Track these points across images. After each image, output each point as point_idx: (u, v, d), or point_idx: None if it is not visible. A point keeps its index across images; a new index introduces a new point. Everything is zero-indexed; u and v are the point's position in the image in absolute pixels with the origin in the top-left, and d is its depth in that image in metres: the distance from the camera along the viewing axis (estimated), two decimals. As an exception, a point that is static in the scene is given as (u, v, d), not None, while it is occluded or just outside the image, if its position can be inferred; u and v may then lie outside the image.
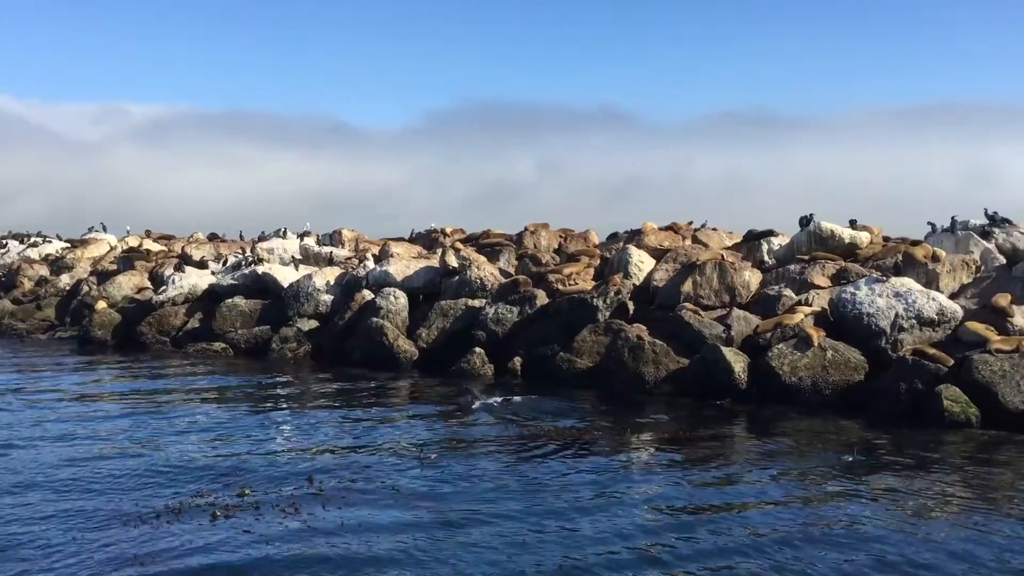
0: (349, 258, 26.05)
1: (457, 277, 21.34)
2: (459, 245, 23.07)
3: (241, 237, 31.24)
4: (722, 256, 18.34)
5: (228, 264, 26.02)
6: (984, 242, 17.90)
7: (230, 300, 23.59)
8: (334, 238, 28.68)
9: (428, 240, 27.07)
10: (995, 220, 18.71)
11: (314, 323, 22.26)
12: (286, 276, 24.02)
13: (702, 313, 17.01)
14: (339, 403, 15.38)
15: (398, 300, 21.03)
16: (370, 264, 23.53)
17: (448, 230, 27.05)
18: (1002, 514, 9.12)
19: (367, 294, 21.82)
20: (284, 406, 15.17)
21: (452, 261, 21.76)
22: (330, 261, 25.60)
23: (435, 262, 22.85)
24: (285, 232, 28.04)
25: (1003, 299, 15.18)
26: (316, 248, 27.02)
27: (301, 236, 27.94)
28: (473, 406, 14.68)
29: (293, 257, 25.89)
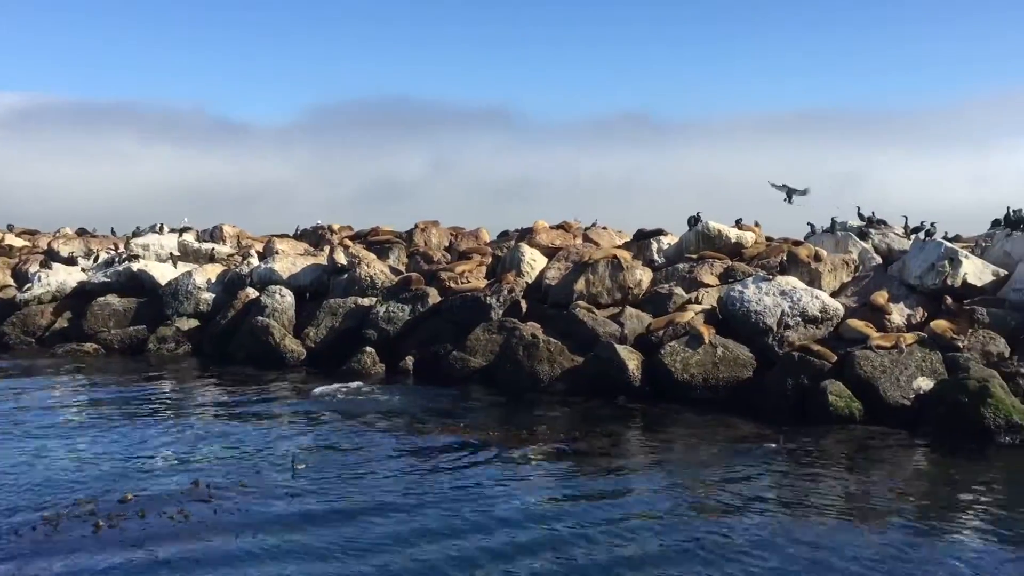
0: (231, 255, 25.12)
1: (346, 275, 20.85)
2: (348, 242, 22.56)
3: (113, 233, 29.68)
4: (615, 254, 18.46)
5: (100, 261, 24.68)
6: (862, 242, 18.62)
7: (102, 298, 22.40)
8: (215, 234, 27.58)
9: (315, 237, 26.37)
10: (871, 221, 19.52)
11: (194, 322, 21.41)
12: (163, 273, 23.00)
13: (596, 311, 17.09)
14: (223, 404, 14.75)
15: (284, 298, 20.40)
16: (254, 261, 22.76)
17: (336, 227, 26.41)
18: (880, 510, 9.37)
19: (251, 292, 21.10)
20: (164, 408, 14.40)
21: (341, 259, 21.25)
22: (211, 258, 24.63)
23: (322, 259, 22.29)
24: (162, 228, 26.79)
25: (881, 297, 15.79)
26: (196, 245, 25.93)
27: (180, 232, 26.74)
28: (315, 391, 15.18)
29: (171, 254, 24.77)
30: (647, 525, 8.56)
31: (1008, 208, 18.15)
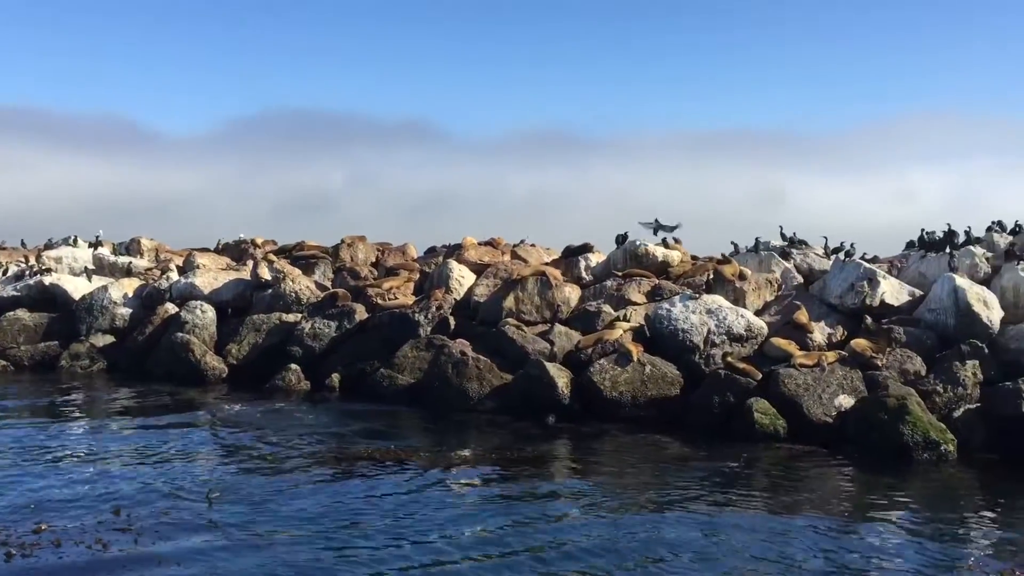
0: (149, 269, 24.38)
1: (270, 290, 20.44)
2: (272, 257, 22.10)
3: (23, 245, 28.55)
4: (544, 271, 18.50)
5: (9, 274, 23.69)
6: (784, 262, 19.01)
7: (11, 313, 21.50)
8: (131, 248, 26.70)
9: (237, 251, 25.74)
10: (793, 241, 19.97)
11: (110, 338, 20.71)
12: (77, 288, 22.19)
13: (525, 329, 17.07)
14: (141, 425, 14.22)
15: (205, 314, 19.89)
16: (174, 276, 22.14)
17: (259, 241, 25.84)
18: (803, 526, 9.53)
19: (171, 307, 20.52)
20: (79, 429, 13.84)
21: (265, 273, 20.82)
22: (128, 272, 23.87)
23: (245, 274, 21.83)
24: (76, 240, 25.88)
25: (803, 316, 16.14)
26: (112, 258, 25.10)
27: (94, 245, 25.86)
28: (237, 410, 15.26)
29: (86, 267, 23.90)
30: (574, 549, 8.50)
31: (922, 230, 18.80)
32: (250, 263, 22.62)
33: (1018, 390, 13.12)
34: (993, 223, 18.83)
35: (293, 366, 17.94)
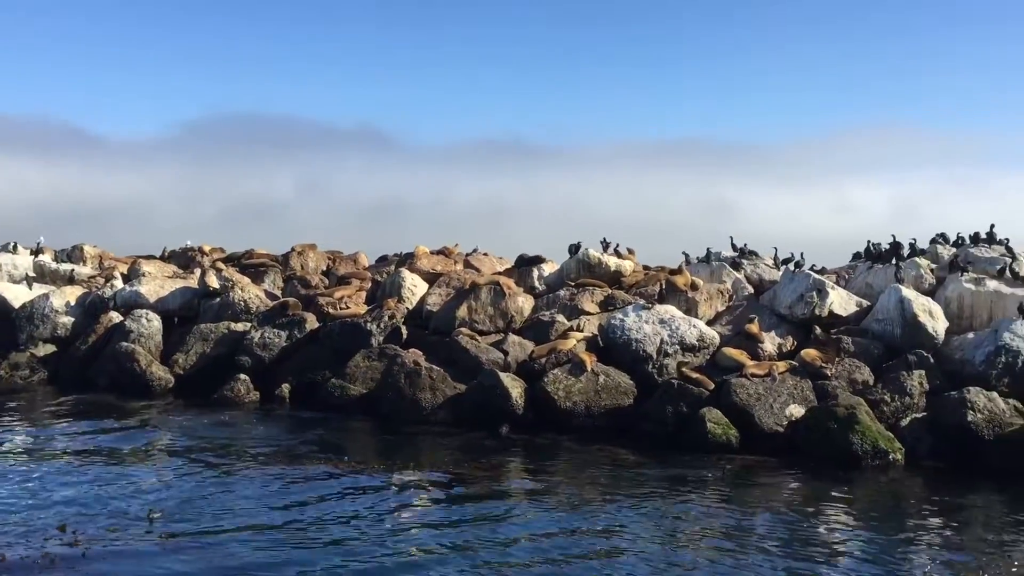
0: (93, 277, 23.77)
1: (218, 299, 20.08)
2: (220, 265, 21.73)
3: (-40, 251, 27.66)
4: (498, 281, 18.45)
5: (-56, 281, 22.92)
6: (735, 272, 19.21)
7: (-53, 322, 20.78)
8: (74, 255, 26.02)
9: (184, 259, 25.27)
10: (743, 252, 20.19)
11: (51, 348, 20.16)
12: (17, 296, 21.56)
13: (478, 338, 16.99)
14: (85, 438, 13.82)
15: (151, 323, 19.46)
16: (118, 283, 21.65)
17: (207, 249, 25.39)
18: (756, 533, 9.66)
19: (115, 316, 20.05)
20: (19, 443, 13.38)
21: (213, 282, 20.45)
22: (71, 280, 23.24)
23: (193, 282, 21.40)
24: (15, 247, 25.14)
25: (754, 326, 16.31)
26: (54, 265, 24.43)
27: (35, 252, 25.14)
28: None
29: (26, 275, 23.25)
30: (523, 563, 8.48)
31: (868, 242, 19.17)
32: (197, 271, 22.21)
33: (963, 399, 13.38)
34: (937, 235, 19.27)
35: (242, 376, 17.61)
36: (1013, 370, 14.33)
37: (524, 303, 18.39)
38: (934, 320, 15.52)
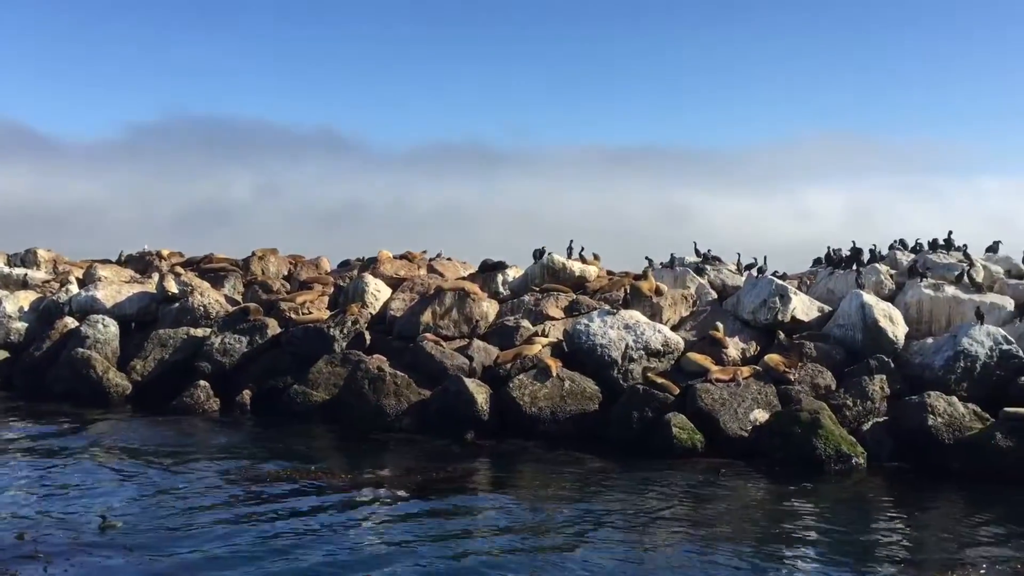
0: (47, 281, 23.27)
1: (177, 304, 19.76)
2: (179, 269, 21.40)
3: (-92, 255, 26.92)
4: (463, 286, 18.35)
5: None
6: (699, 278, 19.30)
7: None
8: (27, 259, 25.44)
9: (142, 263, 24.80)
10: (707, 257, 20.31)
11: (3, 354, 19.80)
12: (-32, 300, 21.01)
13: (443, 343, 16.87)
14: (38, 447, 13.50)
15: (108, 329, 19.07)
16: (73, 288, 21.23)
17: (165, 253, 24.97)
18: (721, 539, 9.62)
19: (70, 321, 19.66)
20: (-31, 452, 13.04)
21: (171, 287, 20.12)
22: (24, 284, 22.75)
23: (151, 287, 21.04)
24: (-34, 251, 24.57)
25: (718, 331, 16.38)
26: (6, 270, 23.88)
27: (-14, 256, 24.58)
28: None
29: (-23, 279, 22.71)
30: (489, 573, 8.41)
31: (829, 247, 19.38)
32: (155, 276, 21.84)
33: (923, 403, 13.54)
34: (896, 241, 19.54)
35: (202, 383, 17.31)
36: (972, 375, 14.55)
37: (489, 308, 18.31)
38: (894, 325, 15.71)
